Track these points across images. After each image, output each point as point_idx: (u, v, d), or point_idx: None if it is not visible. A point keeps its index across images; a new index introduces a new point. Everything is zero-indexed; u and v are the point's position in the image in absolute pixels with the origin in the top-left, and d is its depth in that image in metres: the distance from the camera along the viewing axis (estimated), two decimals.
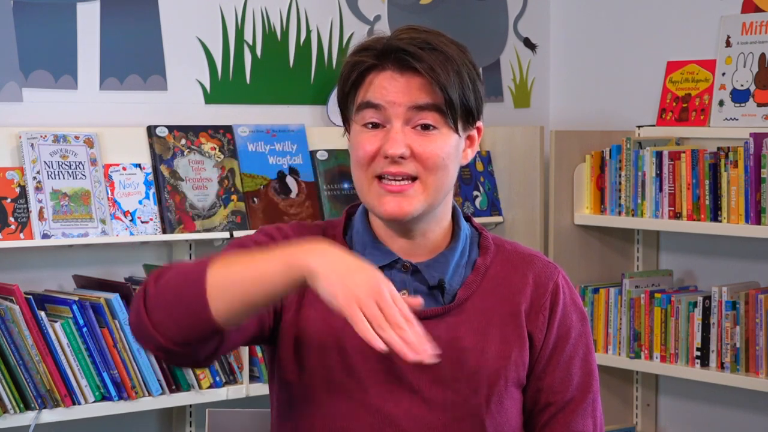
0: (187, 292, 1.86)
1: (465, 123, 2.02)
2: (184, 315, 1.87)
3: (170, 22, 3.82)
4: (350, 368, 1.99)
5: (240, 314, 1.88)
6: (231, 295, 1.85)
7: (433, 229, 2.05)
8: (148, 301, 1.89)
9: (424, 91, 1.98)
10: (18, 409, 3.26)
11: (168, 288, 1.88)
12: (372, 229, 2.07)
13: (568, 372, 2.07)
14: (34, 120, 3.56)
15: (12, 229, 3.36)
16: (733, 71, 4.13)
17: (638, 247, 4.40)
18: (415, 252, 2.05)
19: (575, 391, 2.07)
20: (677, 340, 4.02)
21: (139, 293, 1.92)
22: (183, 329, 1.87)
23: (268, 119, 3.96)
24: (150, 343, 1.91)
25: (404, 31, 2.03)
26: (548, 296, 2.07)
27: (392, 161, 1.98)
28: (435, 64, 1.97)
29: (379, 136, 1.99)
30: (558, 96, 4.71)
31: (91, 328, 3.38)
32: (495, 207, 4.30)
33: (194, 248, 3.76)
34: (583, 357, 2.08)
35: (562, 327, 2.07)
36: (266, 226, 2.11)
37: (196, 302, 1.85)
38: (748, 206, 3.82)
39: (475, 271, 2.06)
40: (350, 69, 2.02)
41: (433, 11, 4.39)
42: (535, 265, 2.09)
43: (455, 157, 2.03)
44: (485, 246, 2.10)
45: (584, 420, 2.07)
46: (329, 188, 3.91)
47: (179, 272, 1.89)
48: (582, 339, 2.09)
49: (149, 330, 1.89)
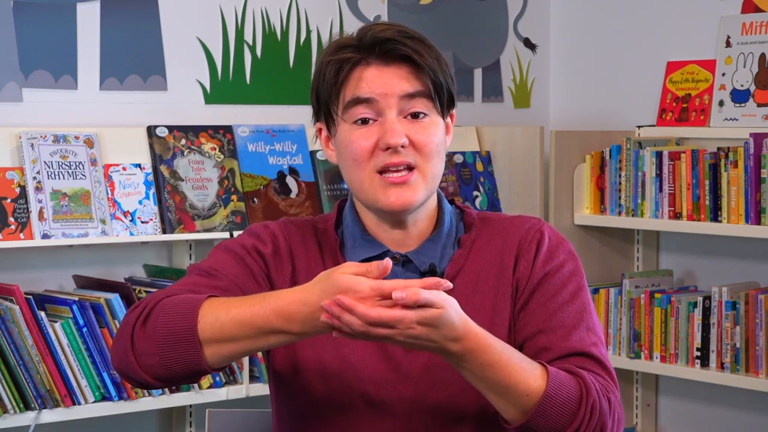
0: (180, 348, 1.87)
1: (448, 108, 2.04)
2: (177, 365, 1.88)
3: (170, 23, 3.82)
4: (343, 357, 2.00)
5: (237, 358, 1.91)
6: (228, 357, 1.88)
7: (422, 217, 2.06)
8: (136, 346, 1.90)
9: (412, 79, 1.99)
10: (18, 409, 3.26)
11: (158, 337, 1.88)
12: (361, 222, 2.07)
13: (557, 301, 2.00)
14: (34, 120, 3.56)
15: (12, 229, 3.36)
16: (733, 71, 4.13)
17: (638, 247, 4.40)
18: (405, 242, 2.05)
19: (568, 318, 1.99)
20: (677, 341, 4.02)
21: (125, 333, 1.91)
22: (175, 373, 1.89)
23: (268, 119, 3.96)
24: (135, 382, 1.94)
25: (374, 25, 2.04)
26: (533, 242, 2.05)
27: (393, 152, 1.98)
28: (420, 49, 2.00)
29: (374, 130, 1.99)
30: (558, 96, 4.71)
31: (91, 328, 3.38)
32: (495, 207, 4.30)
33: (194, 248, 3.76)
34: (574, 291, 2.02)
35: (548, 264, 2.03)
36: (254, 225, 2.11)
37: (191, 359, 1.87)
38: (748, 206, 3.82)
39: (461, 247, 2.07)
40: (334, 67, 2.01)
41: (433, 11, 4.39)
42: (521, 223, 2.08)
43: (444, 143, 2.04)
44: (469, 222, 2.10)
45: (582, 339, 1.98)
46: (329, 188, 3.91)
47: (167, 324, 1.88)
48: (573, 276, 2.04)
49: (139, 373, 1.91)
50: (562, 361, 1.96)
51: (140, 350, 1.89)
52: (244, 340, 1.85)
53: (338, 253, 2.07)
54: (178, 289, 1.98)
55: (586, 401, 1.88)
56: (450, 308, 1.77)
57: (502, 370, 1.84)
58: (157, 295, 1.94)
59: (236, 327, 1.85)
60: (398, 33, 2.00)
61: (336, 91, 2.01)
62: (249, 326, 1.84)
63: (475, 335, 1.81)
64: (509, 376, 1.84)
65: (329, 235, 2.09)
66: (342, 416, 2.01)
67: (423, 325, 1.76)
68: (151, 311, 1.91)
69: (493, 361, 1.83)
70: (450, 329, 1.78)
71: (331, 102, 2.02)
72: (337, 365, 1.99)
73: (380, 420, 1.99)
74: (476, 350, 1.82)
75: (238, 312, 1.85)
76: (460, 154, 4.25)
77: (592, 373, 1.94)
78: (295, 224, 2.12)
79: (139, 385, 1.95)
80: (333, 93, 2.02)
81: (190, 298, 1.90)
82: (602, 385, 1.93)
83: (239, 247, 2.05)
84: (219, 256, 2.05)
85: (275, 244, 2.07)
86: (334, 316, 1.75)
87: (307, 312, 1.80)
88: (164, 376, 1.90)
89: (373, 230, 2.06)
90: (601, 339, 2.02)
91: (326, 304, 1.75)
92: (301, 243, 2.08)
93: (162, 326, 1.88)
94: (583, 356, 1.97)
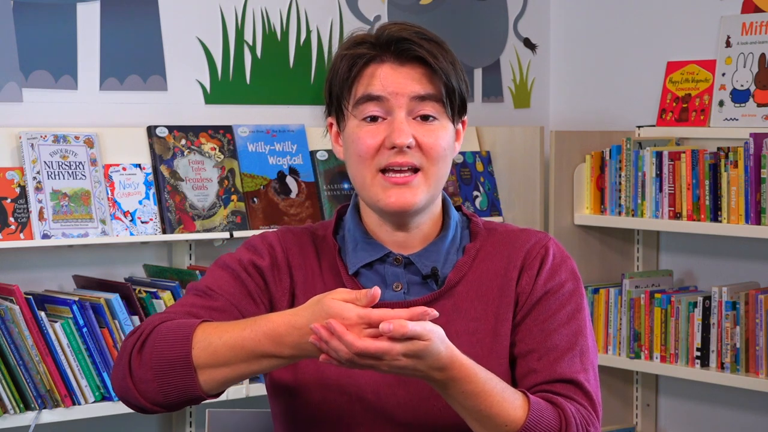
0: (176, 374, 1.89)
1: (459, 114, 2.04)
2: (174, 391, 1.90)
3: (170, 23, 3.82)
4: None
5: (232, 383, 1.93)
6: (223, 383, 1.90)
7: (426, 220, 2.06)
8: (134, 373, 1.92)
9: (425, 82, 1.99)
10: (18, 409, 3.26)
11: (154, 364, 1.90)
12: (364, 225, 2.07)
13: (554, 322, 2.00)
14: (34, 120, 3.56)
15: (12, 230, 3.36)
16: (733, 71, 4.13)
17: (638, 248, 4.40)
18: (408, 244, 2.05)
19: (562, 340, 1.99)
20: (677, 341, 4.02)
21: (123, 360, 1.94)
22: (172, 400, 1.92)
23: (268, 119, 3.96)
24: (136, 407, 1.97)
25: (392, 24, 2.03)
26: (537, 258, 2.04)
27: (398, 152, 1.98)
28: (436, 52, 1.99)
29: (381, 128, 1.99)
30: (558, 96, 4.71)
31: (91, 329, 3.38)
32: (495, 207, 4.30)
33: (194, 248, 3.76)
34: (571, 312, 2.02)
35: (550, 282, 2.03)
36: (253, 238, 2.11)
37: (187, 385, 1.89)
38: (748, 206, 3.82)
39: (465, 254, 2.06)
40: (348, 62, 2.01)
41: (433, 11, 4.39)
42: (528, 237, 2.08)
43: (452, 148, 2.04)
44: (475, 231, 2.10)
45: (572, 365, 1.98)
46: (329, 188, 3.91)
47: (162, 351, 1.90)
48: (572, 297, 2.04)
49: (138, 399, 1.94)
50: (548, 386, 1.96)
51: (138, 377, 1.92)
52: (237, 365, 1.87)
53: (337, 258, 2.07)
54: (175, 312, 1.99)
55: None
56: (436, 339, 1.77)
57: (485, 400, 1.84)
58: (154, 320, 1.96)
59: (229, 351, 1.86)
60: (415, 34, 2.00)
61: (348, 86, 2.01)
62: (241, 350, 1.86)
63: (460, 365, 1.82)
64: (490, 406, 1.85)
65: (328, 241, 2.09)
66: (341, 423, 2.00)
67: (409, 357, 1.77)
68: (148, 337, 1.93)
69: (477, 390, 1.84)
70: (435, 360, 1.79)
71: (343, 97, 2.02)
72: (336, 372, 1.99)
73: (380, 427, 1.99)
74: (460, 379, 1.82)
75: (230, 336, 1.87)
76: (460, 154, 4.25)
77: (575, 402, 1.94)
78: (293, 233, 2.11)
79: (139, 411, 1.97)
80: (345, 88, 2.01)
81: (183, 324, 1.92)
82: (583, 417, 1.93)
83: (236, 263, 2.06)
84: (216, 273, 2.06)
85: (273, 256, 2.07)
86: (322, 339, 1.76)
87: (297, 335, 1.81)
88: (162, 402, 1.92)
89: (376, 231, 2.06)
90: (593, 363, 2.01)
91: (315, 327, 1.76)
92: (299, 253, 2.08)
93: (158, 353, 1.90)
94: (570, 384, 1.96)
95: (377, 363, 1.77)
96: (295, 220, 3.81)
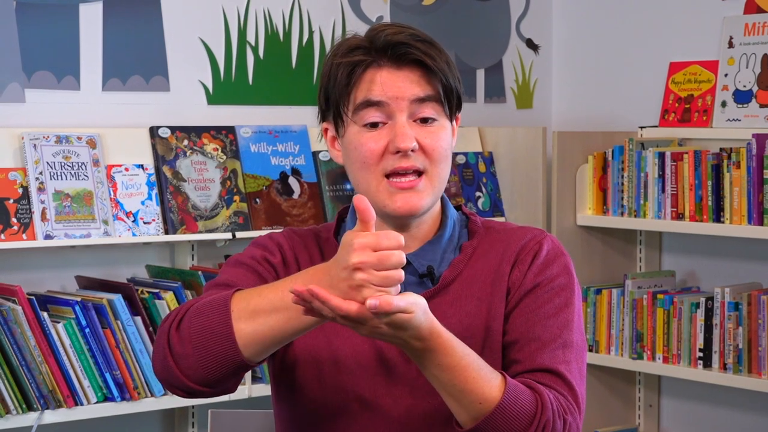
0: (214, 341, 1.87)
1: (455, 112, 2.05)
2: (213, 361, 1.88)
3: (173, 23, 3.82)
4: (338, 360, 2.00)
5: (274, 348, 1.90)
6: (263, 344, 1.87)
7: (426, 220, 2.06)
8: (174, 351, 1.90)
9: (423, 83, 2.00)
10: (20, 409, 3.27)
11: (193, 335, 1.89)
12: None
13: (540, 314, 2.00)
14: (37, 121, 3.57)
15: (14, 230, 3.36)
16: (736, 72, 4.12)
17: (641, 248, 4.40)
18: (407, 244, 2.05)
19: (545, 332, 1.98)
20: (680, 341, 4.02)
21: (162, 341, 1.92)
22: (212, 372, 1.89)
23: (270, 120, 3.96)
24: (179, 390, 1.93)
25: (384, 26, 2.03)
26: (531, 252, 2.04)
27: (402, 156, 1.98)
28: (432, 53, 2.00)
29: (383, 134, 1.99)
30: (560, 97, 4.71)
31: (94, 329, 3.38)
32: (497, 208, 4.30)
33: (196, 249, 3.76)
34: (559, 306, 2.01)
35: (541, 275, 2.02)
36: (259, 238, 2.12)
37: (226, 352, 1.87)
38: (750, 207, 3.82)
39: (462, 252, 2.07)
40: (346, 69, 2.00)
41: (435, 12, 4.39)
42: (524, 234, 2.08)
43: (451, 146, 2.05)
44: (473, 230, 2.10)
45: (553, 356, 1.97)
46: (332, 189, 3.91)
47: (201, 321, 1.88)
48: (562, 291, 2.02)
49: (180, 378, 1.90)
50: (529, 374, 1.95)
51: (178, 353, 1.89)
52: (277, 322, 1.84)
53: None
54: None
55: (539, 418, 1.88)
56: (419, 311, 1.77)
57: (459, 375, 1.84)
58: (187, 303, 1.96)
59: (269, 305, 1.84)
60: (410, 36, 2.00)
61: (347, 93, 2.01)
62: (280, 302, 1.83)
63: (438, 336, 1.82)
64: (465, 381, 1.84)
65: (331, 243, 2.10)
66: (338, 419, 2.01)
67: (390, 326, 1.77)
68: (184, 315, 1.92)
69: (452, 364, 1.83)
70: (416, 330, 1.79)
71: (341, 103, 2.02)
72: (332, 368, 2.00)
73: (376, 423, 1.99)
74: (436, 351, 1.82)
75: (270, 291, 1.86)
76: (463, 155, 4.25)
77: (554, 391, 1.93)
78: (298, 234, 2.12)
79: (183, 394, 1.94)
80: (344, 94, 2.01)
81: (219, 296, 1.91)
82: (561, 404, 1.92)
83: (249, 259, 2.06)
84: (232, 270, 2.06)
85: (282, 253, 2.08)
86: (304, 300, 1.75)
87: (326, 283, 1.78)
88: (203, 376, 1.89)
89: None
90: (578, 358, 2.00)
91: (296, 290, 1.75)
92: (305, 252, 2.09)
93: (197, 324, 1.89)
94: (550, 374, 1.96)
95: (358, 326, 1.77)
96: (297, 221, 3.81)
